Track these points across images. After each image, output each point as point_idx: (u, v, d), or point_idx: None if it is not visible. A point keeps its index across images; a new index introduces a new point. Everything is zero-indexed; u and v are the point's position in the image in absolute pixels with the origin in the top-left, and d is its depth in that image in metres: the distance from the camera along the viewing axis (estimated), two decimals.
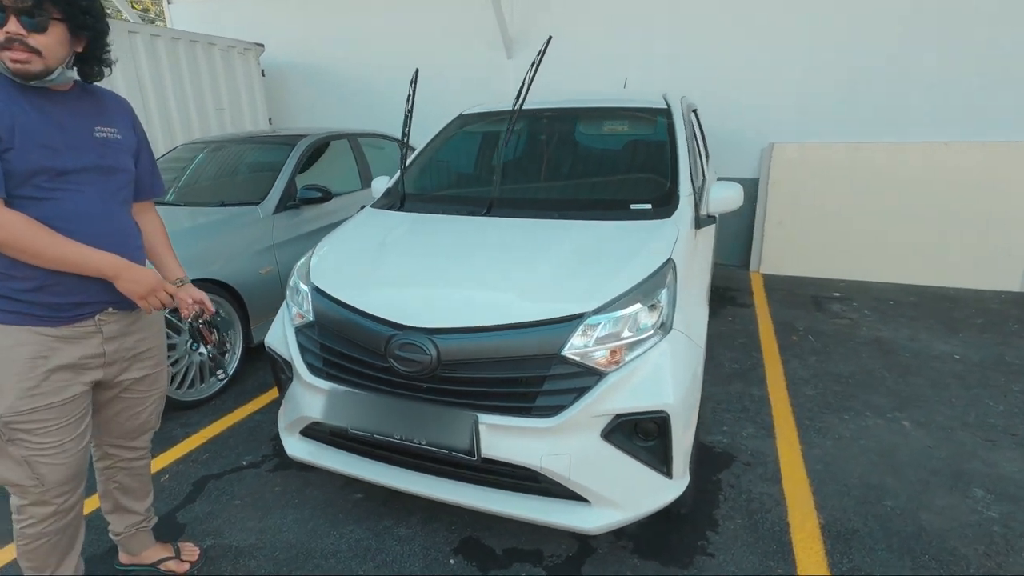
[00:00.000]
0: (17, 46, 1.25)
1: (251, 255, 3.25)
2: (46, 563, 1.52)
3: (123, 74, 5.01)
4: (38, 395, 1.38)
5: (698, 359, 1.80)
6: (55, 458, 1.44)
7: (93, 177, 1.43)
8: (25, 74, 1.29)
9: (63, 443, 1.44)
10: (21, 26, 1.24)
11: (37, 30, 1.26)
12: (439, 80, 6.28)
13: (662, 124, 2.64)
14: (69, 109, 1.40)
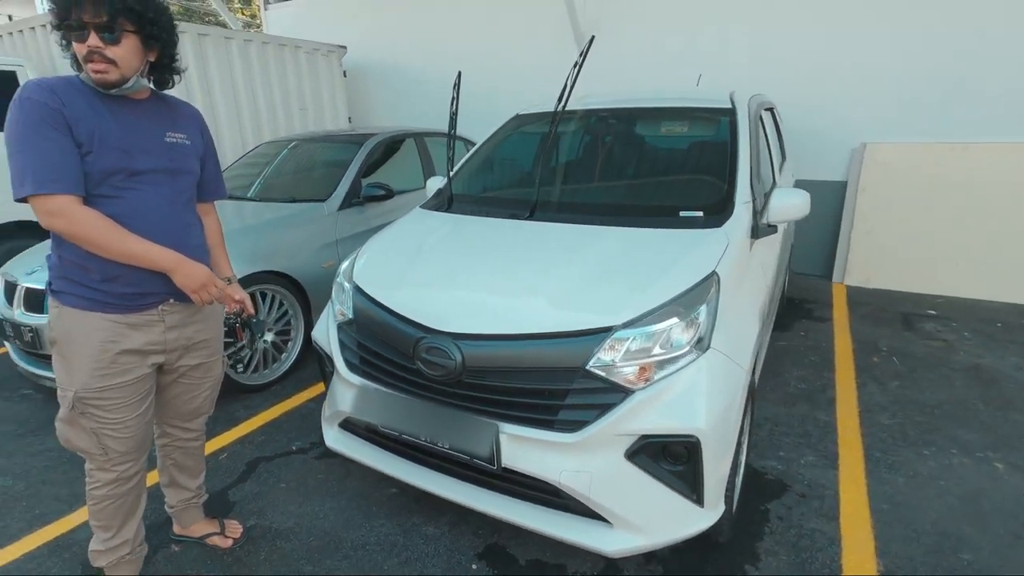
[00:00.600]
0: (97, 58, 1.37)
1: (315, 250, 3.41)
2: (111, 523, 1.68)
3: (218, 76, 5.42)
4: (107, 375, 1.52)
5: (739, 382, 1.67)
6: (119, 432, 1.58)
7: (162, 178, 1.54)
8: (104, 83, 1.41)
9: (126, 419, 1.58)
10: (99, 40, 1.36)
11: (113, 42, 1.38)
12: (510, 77, 6.29)
13: (724, 126, 2.48)
14: (144, 115, 1.52)
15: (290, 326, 3.33)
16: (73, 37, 1.38)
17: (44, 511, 2.22)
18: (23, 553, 2.00)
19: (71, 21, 1.35)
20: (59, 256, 1.50)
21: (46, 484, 2.39)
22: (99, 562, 1.70)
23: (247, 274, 2.92)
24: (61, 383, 1.53)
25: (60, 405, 1.55)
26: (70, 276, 1.49)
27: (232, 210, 3.57)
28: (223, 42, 5.43)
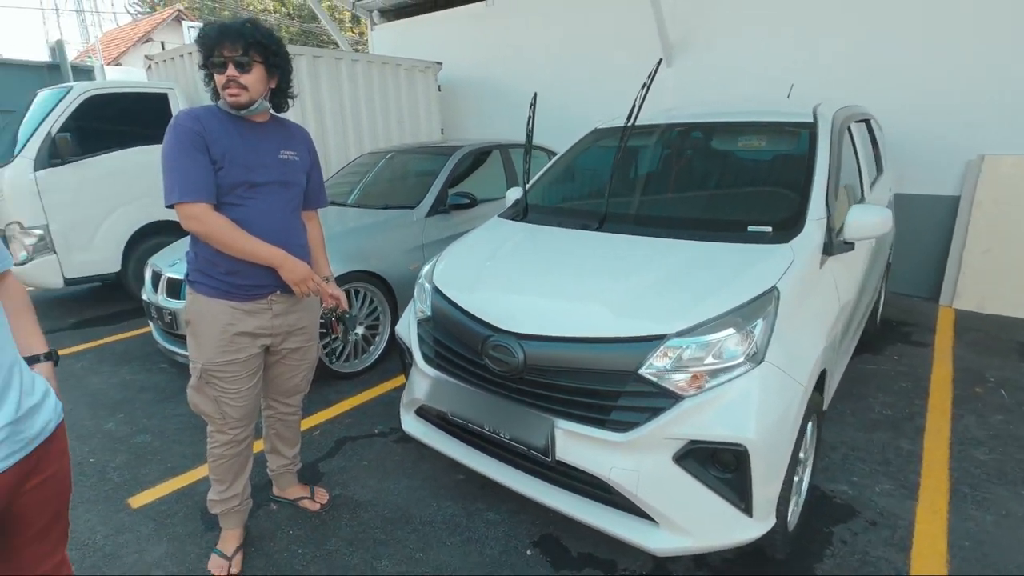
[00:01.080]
0: (232, 84, 1.70)
1: (403, 252, 3.71)
2: (225, 478, 1.99)
3: (328, 92, 5.99)
4: (227, 352, 1.83)
5: (795, 397, 1.68)
6: (234, 400, 1.89)
7: (275, 189, 1.85)
8: (237, 105, 1.73)
9: (240, 390, 1.89)
10: (235, 70, 1.69)
11: (245, 71, 1.70)
12: (597, 90, 6.40)
13: (804, 140, 2.44)
14: (263, 136, 1.83)
15: (378, 321, 3.65)
16: (215, 71, 1.70)
17: (174, 465, 2.64)
18: (157, 497, 2.40)
19: (214, 58, 1.68)
20: (195, 253, 1.83)
21: (176, 443, 2.83)
22: (214, 509, 2.02)
23: (343, 272, 3.27)
24: (192, 357, 1.87)
25: (191, 375, 1.88)
26: (203, 269, 1.82)
27: (334, 215, 3.97)
28: (334, 63, 6.00)
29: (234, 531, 2.04)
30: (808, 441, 2.02)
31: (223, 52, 1.67)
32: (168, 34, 18.98)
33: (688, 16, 5.70)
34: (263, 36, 1.70)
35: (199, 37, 1.71)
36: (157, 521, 2.25)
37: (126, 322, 4.73)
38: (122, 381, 3.57)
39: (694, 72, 5.78)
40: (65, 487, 1.27)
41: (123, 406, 3.23)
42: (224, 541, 2.02)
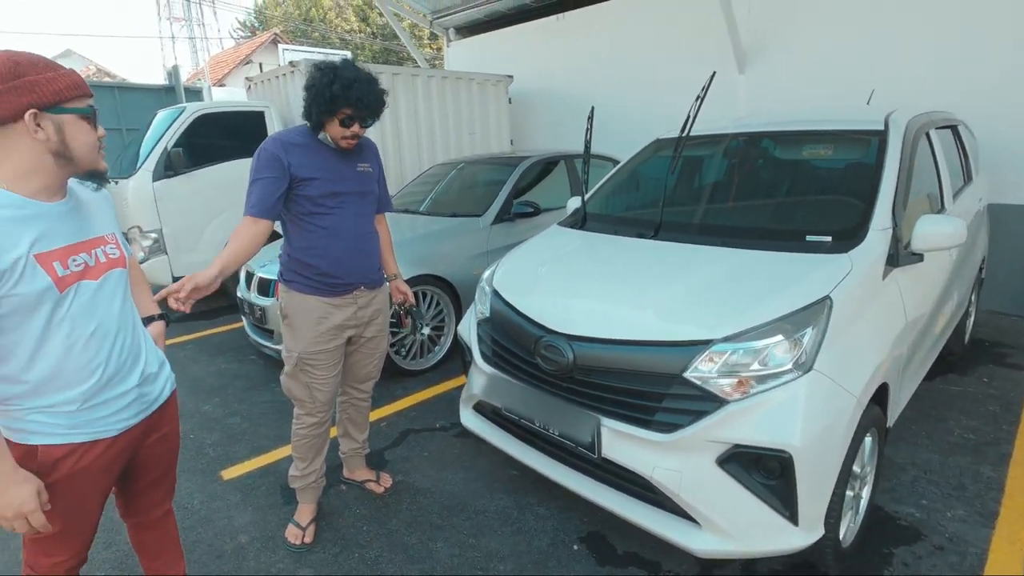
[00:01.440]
0: (353, 138, 1.97)
1: (468, 258, 3.90)
2: (306, 456, 2.21)
3: (405, 107, 6.35)
4: (319, 342, 2.06)
5: (845, 408, 1.66)
6: (322, 386, 2.12)
7: (355, 198, 2.07)
8: (349, 148, 2.00)
9: (328, 377, 2.12)
10: (360, 128, 1.96)
11: (365, 128, 1.98)
12: (665, 98, 6.36)
13: (872, 148, 2.38)
14: (344, 153, 2.06)
15: (444, 323, 3.85)
16: (341, 122, 1.92)
17: (260, 445, 2.93)
18: (245, 472, 2.69)
19: (346, 117, 1.91)
20: (288, 255, 2.07)
21: (262, 426, 3.14)
22: (294, 484, 2.25)
23: (413, 276, 3.49)
24: (288, 347, 2.10)
25: (285, 363, 2.12)
26: (297, 270, 2.05)
27: (406, 222, 4.23)
28: (411, 79, 6.36)
29: (309, 505, 2.26)
30: (866, 456, 1.97)
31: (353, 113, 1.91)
32: (266, 56, 20.63)
33: (763, 21, 5.57)
34: (384, 102, 1.96)
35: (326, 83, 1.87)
36: (244, 492, 2.53)
37: (223, 317, 5.24)
38: (218, 369, 3.99)
39: (769, 78, 5.63)
40: (175, 446, 1.53)
41: (218, 391, 3.62)
42: (300, 513, 2.25)
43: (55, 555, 1.31)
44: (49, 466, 1.20)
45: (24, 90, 1.10)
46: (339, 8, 26.55)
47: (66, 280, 1.17)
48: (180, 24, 28.62)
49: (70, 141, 1.17)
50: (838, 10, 5.09)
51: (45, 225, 1.16)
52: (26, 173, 1.15)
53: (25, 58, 1.13)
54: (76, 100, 1.17)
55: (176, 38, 29.02)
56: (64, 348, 1.19)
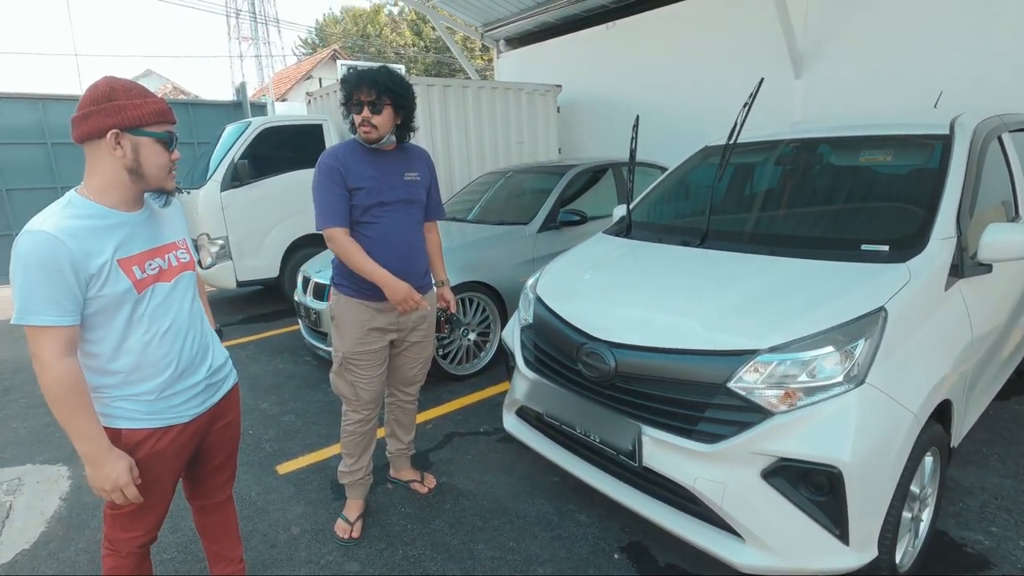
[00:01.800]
0: (365, 124, 2.03)
1: (514, 266, 3.95)
2: (354, 452, 2.31)
3: (455, 117, 6.51)
4: (362, 343, 2.16)
5: (901, 425, 1.59)
6: (367, 385, 2.21)
7: (402, 206, 2.16)
8: (368, 140, 2.06)
9: (372, 377, 2.21)
10: (369, 112, 2.01)
11: (376, 113, 2.02)
12: (718, 105, 6.24)
13: (936, 154, 2.27)
14: (391, 162, 2.15)
15: (489, 329, 3.91)
16: (353, 111, 2.04)
17: (312, 442, 3.07)
18: (298, 467, 2.82)
19: (353, 101, 2.01)
20: (338, 262, 2.17)
21: (315, 424, 3.28)
22: (343, 480, 2.35)
23: (460, 282, 3.57)
24: (335, 347, 2.21)
25: (333, 362, 2.22)
26: (344, 274, 2.16)
27: (455, 230, 4.33)
28: (461, 90, 6.51)
29: (357, 501, 2.36)
30: (926, 477, 1.87)
31: (360, 96, 2.01)
32: (326, 71, 21.55)
33: (821, 23, 5.40)
34: (393, 83, 2.01)
35: (342, 82, 2.05)
36: (297, 487, 2.65)
37: (281, 320, 5.51)
38: (275, 369, 4.19)
39: (827, 82, 5.45)
40: (237, 434, 1.67)
41: (275, 390, 3.80)
42: (349, 509, 2.34)
43: (132, 530, 1.45)
44: (131, 447, 1.35)
45: (112, 112, 1.25)
46: (394, 24, 27.46)
47: (143, 283, 1.32)
48: (248, 43, 30.30)
49: (143, 160, 1.30)
50: (903, 8, 4.87)
51: (125, 233, 1.30)
52: (108, 186, 1.29)
53: (121, 85, 1.28)
54: (156, 125, 1.30)
55: (244, 57, 30.75)
56: (143, 343, 1.33)
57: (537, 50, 8.88)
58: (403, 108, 2.08)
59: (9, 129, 7.94)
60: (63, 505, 2.60)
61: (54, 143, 8.22)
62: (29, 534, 2.40)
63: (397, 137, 2.14)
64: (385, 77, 2.01)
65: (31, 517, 2.52)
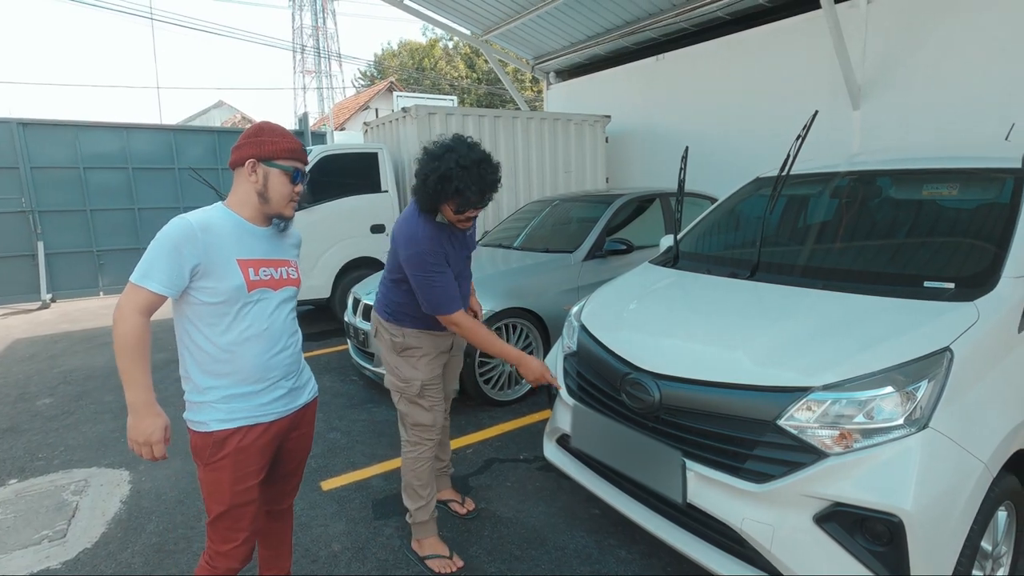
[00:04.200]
0: (471, 220, 2.11)
1: (559, 293, 3.96)
2: (428, 482, 2.25)
3: (504, 146, 6.66)
4: (432, 369, 2.23)
5: (970, 473, 1.49)
6: (438, 407, 2.26)
7: (466, 262, 2.30)
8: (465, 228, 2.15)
9: (441, 399, 2.28)
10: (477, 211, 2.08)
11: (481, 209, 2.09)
12: (770, 136, 6.15)
13: (1007, 188, 2.16)
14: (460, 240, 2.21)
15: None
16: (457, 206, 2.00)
17: (355, 460, 3.13)
18: (341, 485, 2.87)
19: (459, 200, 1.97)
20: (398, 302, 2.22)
21: (359, 443, 3.34)
22: (420, 518, 2.23)
23: (503, 308, 3.61)
24: (408, 378, 2.20)
25: (404, 393, 2.21)
26: (408, 312, 2.21)
27: (501, 257, 4.40)
28: (511, 121, 6.68)
29: (435, 536, 2.26)
30: (999, 533, 1.73)
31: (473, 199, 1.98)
32: (382, 102, 22.52)
33: (880, 53, 5.27)
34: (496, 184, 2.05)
35: (456, 189, 1.93)
36: (339, 504, 2.70)
37: (329, 339, 5.68)
38: (322, 387, 4.32)
39: (887, 114, 5.29)
40: (309, 445, 1.82)
41: (322, 407, 3.91)
42: (435, 546, 2.23)
43: (230, 540, 1.57)
44: (220, 442, 1.50)
45: (255, 145, 1.53)
46: (448, 57, 28.51)
47: (254, 284, 1.52)
48: (311, 76, 32.08)
49: (270, 187, 1.55)
50: (968, 38, 4.70)
51: (249, 240, 1.54)
52: (242, 203, 1.56)
53: (268, 126, 1.58)
54: (285, 160, 1.55)
55: (307, 89, 32.53)
56: (245, 337, 1.51)
57: (586, 81, 9.02)
58: None
59: (96, 155, 8.66)
60: (123, 508, 2.74)
61: (135, 168, 8.90)
62: (92, 534, 2.53)
63: None
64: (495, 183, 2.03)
65: (94, 518, 2.66)
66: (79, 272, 8.70)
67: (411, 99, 14.28)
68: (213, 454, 1.50)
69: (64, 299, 8.63)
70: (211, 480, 1.53)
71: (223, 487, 1.52)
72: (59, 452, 3.37)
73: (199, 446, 1.51)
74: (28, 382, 4.73)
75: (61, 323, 7.09)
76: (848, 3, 5.36)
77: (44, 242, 8.33)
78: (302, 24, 33.02)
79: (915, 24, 5.04)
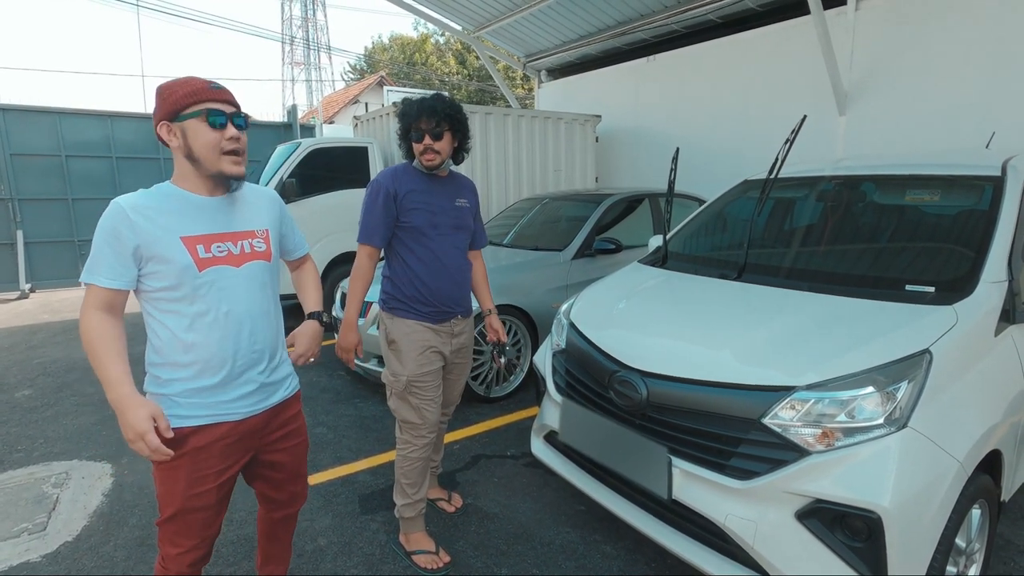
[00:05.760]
0: (428, 151, 2.10)
1: (548, 291, 3.98)
2: (417, 481, 2.21)
3: (495, 144, 6.66)
4: (423, 364, 2.18)
5: (945, 473, 1.53)
6: (429, 405, 2.21)
7: (451, 231, 2.22)
8: (431, 167, 2.13)
9: (433, 397, 2.21)
10: (431, 139, 2.08)
11: (438, 139, 2.09)
12: (758, 139, 6.23)
13: (987, 195, 2.21)
14: (443, 187, 2.22)
15: (520, 353, 3.92)
16: (413, 140, 2.10)
17: (342, 455, 3.12)
18: (327, 480, 2.87)
19: (414, 131, 2.07)
20: (392, 283, 2.22)
21: (345, 438, 3.34)
22: (407, 514, 2.22)
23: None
24: (396, 372, 2.19)
25: (393, 388, 2.20)
26: (399, 297, 2.19)
27: (489, 254, 4.38)
28: (502, 118, 6.68)
29: (423, 532, 2.27)
30: (973, 531, 1.79)
31: (420, 125, 2.07)
32: (372, 96, 22.37)
33: (867, 61, 5.35)
34: (451, 108, 2.10)
35: (401, 113, 2.12)
36: (325, 498, 2.70)
37: None
38: (309, 381, 4.30)
39: (872, 120, 5.38)
40: (302, 447, 1.67)
41: (308, 402, 3.89)
42: (422, 542, 2.24)
43: (179, 544, 1.43)
44: (175, 442, 1.34)
45: (158, 108, 1.34)
46: (440, 52, 28.38)
47: (206, 262, 1.35)
48: (300, 68, 31.73)
49: (192, 144, 1.33)
50: (953, 48, 4.80)
51: (195, 215, 1.37)
52: (181, 175, 1.39)
53: (167, 83, 1.35)
54: (194, 106, 1.32)
55: (296, 81, 32.17)
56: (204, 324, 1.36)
57: (577, 81, 9.05)
58: (460, 132, 2.16)
59: (79, 143, 8.50)
60: (105, 501, 2.71)
61: (118, 157, 8.75)
62: (73, 527, 2.50)
63: (453, 159, 2.20)
64: (443, 104, 2.09)
65: (75, 511, 2.63)
66: (60, 262, 8.54)
67: (402, 94, 14.19)
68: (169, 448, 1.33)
69: (44, 289, 8.47)
70: (165, 479, 1.39)
71: (176, 488, 1.38)
72: (39, 444, 3.32)
73: None
74: (6, 373, 4.64)
75: (41, 313, 6.96)
76: (836, 10, 5.44)
77: (24, 231, 8.16)
78: (291, 15, 32.68)
79: (901, 33, 5.13)
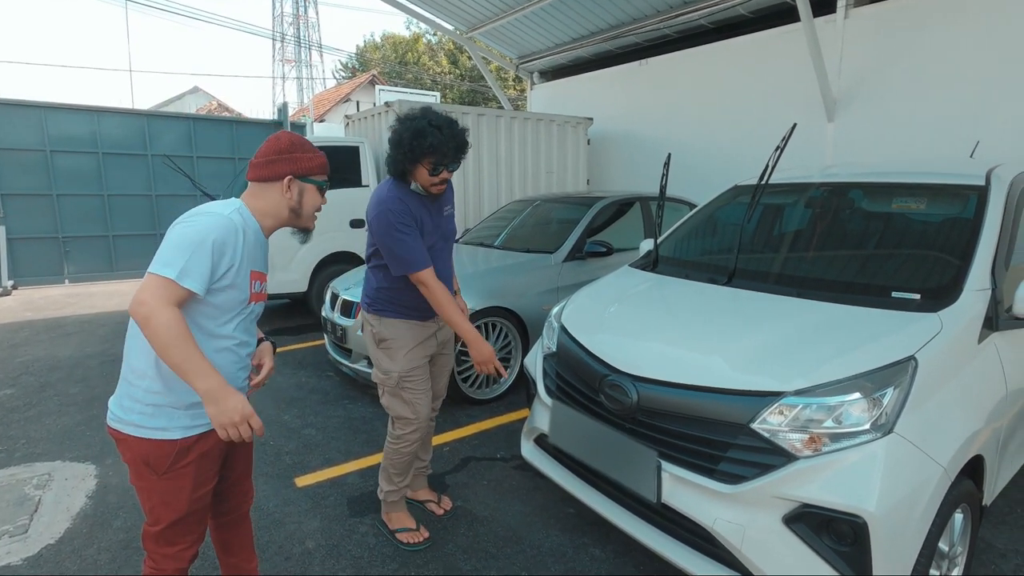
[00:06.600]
0: (444, 183, 2.11)
1: (538, 293, 3.98)
2: (405, 471, 2.35)
3: (487, 145, 6.66)
4: (413, 360, 2.23)
5: (929, 478, 1.56)
6: (421, 399, 2.26)
7: (441, 243, 2.26)
8: (436, 194, 2.15)
9: (424, 391, 2.27)
10: (449, 173, 2.10)
11: (453, 171, 2.11)
12: (749, 144, 6.28)
13: (970, 205, 2.25)
14: (435, 202, 2.22)
15: (511, 355, 3.93)
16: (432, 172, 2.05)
17: (331, 457, 3.10)
18: (316, 481, 2.85)
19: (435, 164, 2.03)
20: (377, 289, 2.24)
21: (335, 439, 3.32)
22: (391, 499, 2.37)
23: (482, 307, 3.61)
24: (387, 369, 2.24)
25: (384, 385, 2.26)
26: (388, 300, 2.23)
27: (482, 256, 4.40)
28: (495, 120, 6.68)
29: (405, 512, 2.41)
30: (956, 535, 1.82)
31: (448, 166, 2.06)
32: (363, 95, 22.26)
33: (856, 68, 5.43)
34: (465, 148, 2.09)
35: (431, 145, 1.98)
36: (314, 500, 2.68)
37: (305, 334, 5.61)
38: (298, 382, 4.27)
39: (860, 127, 5.45)
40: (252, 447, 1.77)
41: (297, 403, 3.87)
42: (404, 520, 2.39)
43: (178, 543, 1.50)
44: (184, 451, 1.44)
45: (291, 162, 1.53)
46: (432, 52, 28.32)
47: (253, 296, 1.52)
48: (291, 66, 31.52)
49: (305, 203, 1.58)
50: (939, 59, 4.88)
51: (261, 252, 1.55)
52: (267, 214, 1.55)
53: (299, 140, 1.56)
54: (318, 175, 1.58)
55: (286, 78, 31.95)
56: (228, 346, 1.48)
57: (570, 83, 9.07)
58: None
59: (64, 138, 8.38)
60: (88, 503, 2.67)
61: (105, 153, 8.63)
62: (55, 529, 2.46)
63: None
64: (464, 142, 2.07)
65: (58, 513, 2.59)
66: (43, 259, 8.41)
67: (393, 93, 14.15)
68: (176, 462, 1.42)
69: (27, 286, 8.34)
70: (168, 488, 1.44)
71: (182, 495, 1.45)
72: (20, 445, 3.27)
73: (155, 455, 1.40)
74: None
75: (24, 311, 6.84)
76: (825, 18, 5.51)
77: (6, 227, 8.02)
78: (283, 12, 32.45)
79: (889, 41, 5.20)
